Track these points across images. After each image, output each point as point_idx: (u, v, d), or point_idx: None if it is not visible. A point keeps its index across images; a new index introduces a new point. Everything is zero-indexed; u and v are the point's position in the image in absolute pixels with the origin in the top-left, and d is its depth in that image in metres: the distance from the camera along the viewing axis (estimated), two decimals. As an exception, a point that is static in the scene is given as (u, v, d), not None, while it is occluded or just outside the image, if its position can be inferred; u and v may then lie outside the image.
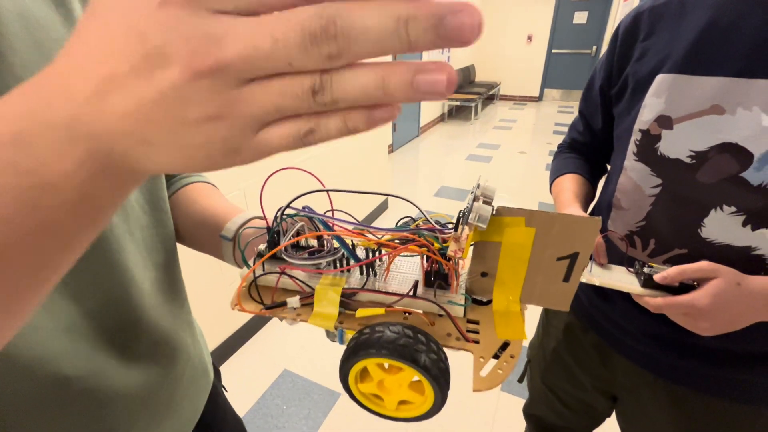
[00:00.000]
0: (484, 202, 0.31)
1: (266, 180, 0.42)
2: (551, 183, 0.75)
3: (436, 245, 0.33)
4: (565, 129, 0.80)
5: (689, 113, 0.48)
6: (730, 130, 0.46)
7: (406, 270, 0.37)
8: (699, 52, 0.48)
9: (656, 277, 0.45)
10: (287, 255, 0.35)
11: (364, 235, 0.35)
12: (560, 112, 6.26)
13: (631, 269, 0.50)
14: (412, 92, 0.14)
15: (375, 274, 0.36)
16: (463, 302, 0.34)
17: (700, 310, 0.43)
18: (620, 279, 0.49)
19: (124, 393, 0.34)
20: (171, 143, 0.15)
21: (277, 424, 1.35)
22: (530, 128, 5.42)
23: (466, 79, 6.46)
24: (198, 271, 1.32)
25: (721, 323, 0.44)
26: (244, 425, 0.62)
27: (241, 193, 1.48)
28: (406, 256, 0.38)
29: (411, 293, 0.34)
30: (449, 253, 0.30)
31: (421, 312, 0.34)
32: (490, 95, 6.83)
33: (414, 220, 0.36)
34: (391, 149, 4.40)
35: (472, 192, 0.32)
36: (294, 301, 0.34)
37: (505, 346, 0.32)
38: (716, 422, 0.58)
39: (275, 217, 0.36)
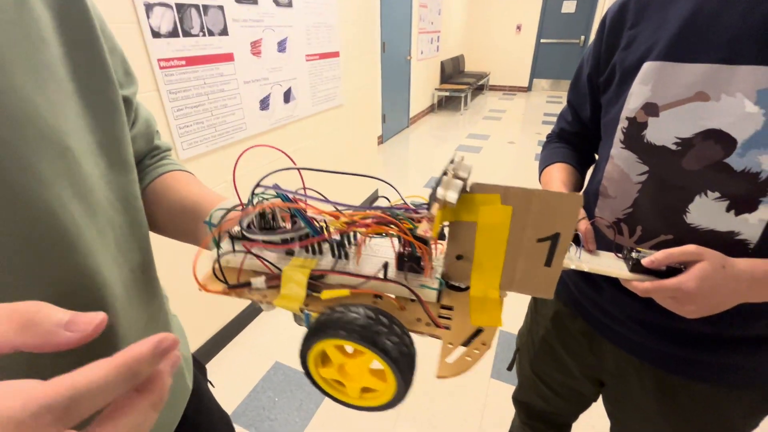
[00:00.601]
0: (455, 177, 0.29)
1: (239, 156, 0.41)
2: (540, 172, 0.75)
3: (410, 226, 0.32)
4: (554, 119, 0.81)
5: (675, 100, 0.48)
6: (715, 117, 0.46)
7: (382, 253, 0.36)
8: (684, 40, 0.48)
9: (644, 261, 0.45)
10: (250, 231, 0.34)
11: (335, 215, 0.34)
12: (549, 102, 6.29)
13: (620, 255, 0.50)
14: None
15: (347, 256, 0.35)
16: (436, 286, 0.32)
17: (686, 292, 0.43)
18: (609, 264, 0.49)
19: None
20: None
21: (269, 415, 1.36)
22: (519, 118, 5.44)
23: (455, 70, 6.44)
24: (183, 266, 1.30)
25: (707, 305, 0.44)
26: (230, 420, 0.61)
27: (229, 185, 1.46)
28: (382, 236, 0.36)
29: (381, 276, 0.32)
30: (419, 232, 0.28)
31: (392, 296, 0.33)
32: (479, 85, 6.83)
33: (390, 201, 0.35)
34: (381, 140, 4.37)
35: (444, 168, 0.30)
36: (259, 281, 0.33)
37: (478, 333, 0.30)
38: (699, 406, 0.59)
39: (249, 199, 0.35)
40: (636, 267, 0.46)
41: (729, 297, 0.45)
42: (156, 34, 1.14)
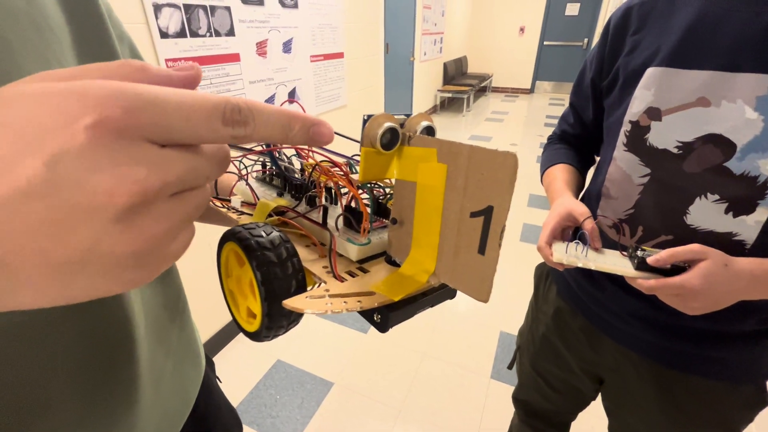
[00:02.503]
0: (401, 126, 0.26)
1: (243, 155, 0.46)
2: (542, 173, 0.76)
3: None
4: (556, 121, 0.82)
5: (677, 105, 0.50)
6: (716, 122, 0.47)
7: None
8: (687, 47, 0.49)
9: (649, 260, 0.46)
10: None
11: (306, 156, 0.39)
12: (551, 105, 6.29)
13: (625, 253, 0.51)
14: (307, 138, 0.17)
15: (314, 204, 0.37)
16: (358, 243, 0.31)
17: (691, 290, 0.44)
18: (614, 263, 0.50)
19: (103, 398, 0.32)
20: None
21: (270, 413, 1.37)
22: (522, 120, 5.44)
23: (458, 71, 6.44)
24: (191, 261, 1.31)
25: (709, 302, 0.46)
26: (238, 416, 0.62)
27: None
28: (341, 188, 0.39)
29: (315, 219, 0.34)
30: (354, 176, 0.28)
31: (316, 240, 0.34)
32: (482, 87, 6.83)
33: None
34: (384, 141, 4.38)
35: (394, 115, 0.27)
36: (236, 200, 0.39)
37: (367, 296, 0.27)
38: (696, 399, 0.60)
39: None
40: (641, 265, 0.47)
41: (730, 294, 0.46)
42: (164, 35, 1.15)
